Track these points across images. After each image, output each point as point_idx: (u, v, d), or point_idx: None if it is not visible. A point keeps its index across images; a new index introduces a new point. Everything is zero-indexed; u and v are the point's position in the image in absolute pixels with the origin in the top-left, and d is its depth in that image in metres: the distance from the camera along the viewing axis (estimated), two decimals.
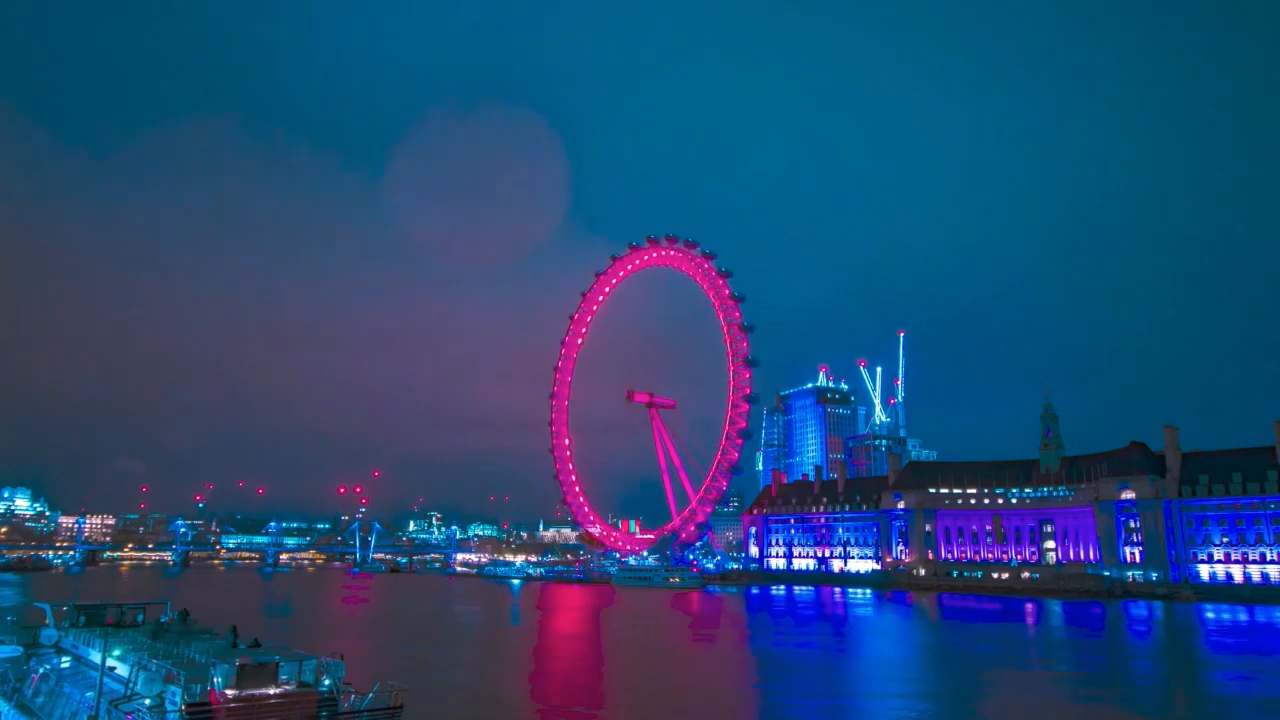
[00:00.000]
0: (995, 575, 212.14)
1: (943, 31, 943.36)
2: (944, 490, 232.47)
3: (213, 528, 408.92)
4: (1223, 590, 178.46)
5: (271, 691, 29.40)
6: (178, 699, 27.83)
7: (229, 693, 28.55)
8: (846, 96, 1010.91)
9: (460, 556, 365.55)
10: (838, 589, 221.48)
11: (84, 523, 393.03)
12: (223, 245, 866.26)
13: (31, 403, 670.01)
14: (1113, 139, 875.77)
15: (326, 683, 31.19)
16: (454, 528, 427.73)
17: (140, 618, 44.85)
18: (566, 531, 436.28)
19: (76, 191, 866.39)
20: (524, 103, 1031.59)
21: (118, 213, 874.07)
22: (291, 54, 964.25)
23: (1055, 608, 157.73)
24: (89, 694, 33.02)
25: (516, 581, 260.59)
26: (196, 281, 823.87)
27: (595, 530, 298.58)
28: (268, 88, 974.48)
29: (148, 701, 29.04)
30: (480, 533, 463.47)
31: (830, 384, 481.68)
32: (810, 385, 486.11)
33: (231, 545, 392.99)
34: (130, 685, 31.30)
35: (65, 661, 40.77)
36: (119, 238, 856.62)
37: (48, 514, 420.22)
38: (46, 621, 45.10)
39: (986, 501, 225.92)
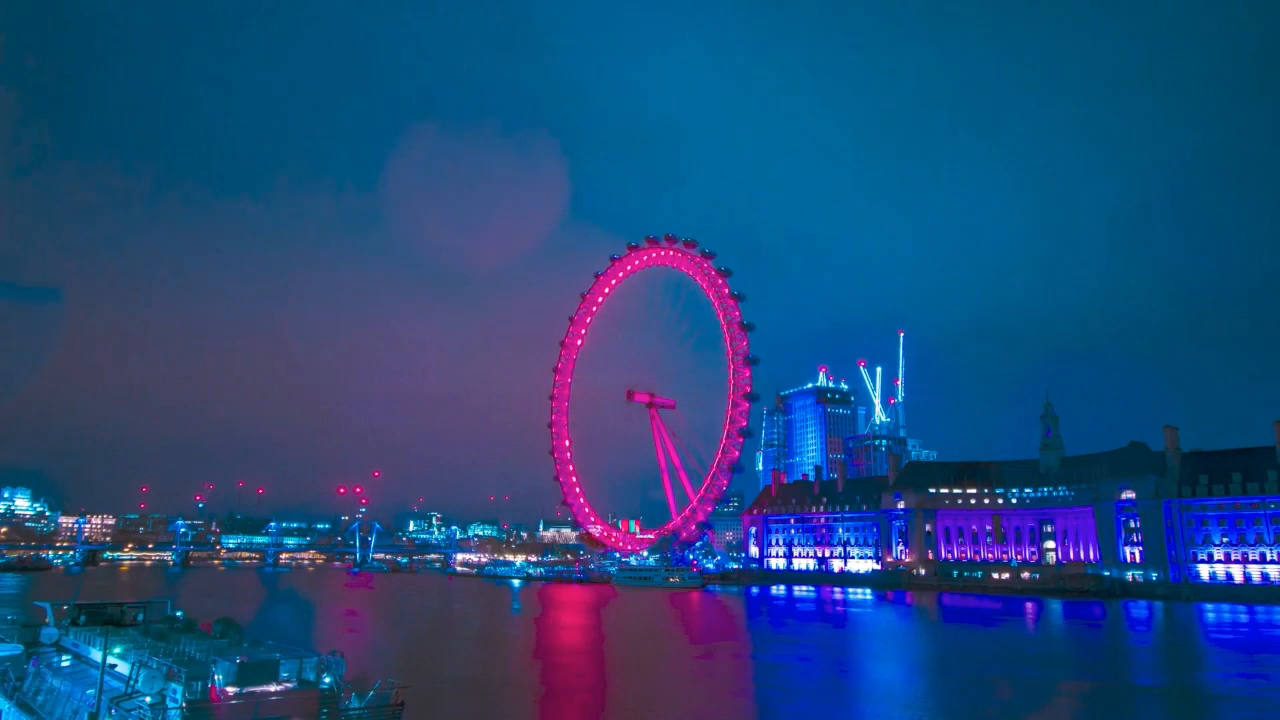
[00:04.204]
0: (995, 575, 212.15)
1: (945, 35, 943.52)
2: (944, 490, 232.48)
3: (213, 528, 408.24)
4: (1223, 590, 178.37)
5: (272, 689, 29.44)
6: (179, 696, 27.88)
7: (230, 690, 28.60)
8: (848, 96, 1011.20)
9: (460, 556, 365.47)
10: (838, 589, 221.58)
11: (84, 523, 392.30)
12: (224, 255, 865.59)
13: (32, 403, 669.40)
14: (1112, 138, 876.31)
15: (327, 680, 31.27)
16: (454, 528, 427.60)
17: (140, 616, 44.90)
18: (566, 531, 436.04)
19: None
20: (522, 105, 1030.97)
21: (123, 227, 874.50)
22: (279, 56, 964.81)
23: (1055, 607, 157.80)
24: (89, 692, 33.07)
25: (517, 581, 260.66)
26: (199, 290, 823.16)
27: (595, 530, 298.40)
28: (257, 98, 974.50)
29: (149, 699, 29.10)
30: (480, 533, 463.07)
31: (830, 384, 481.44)
32: (810, 385, 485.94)
33: (231, 545, 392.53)
34: (131, 683, 31.36)
35: (66, 660, 40.83)
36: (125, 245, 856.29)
37: (48, 514, 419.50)
38: (47, 620, 45.16)
39: (986, 501, 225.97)
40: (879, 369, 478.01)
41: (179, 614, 45.54)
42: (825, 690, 66.91)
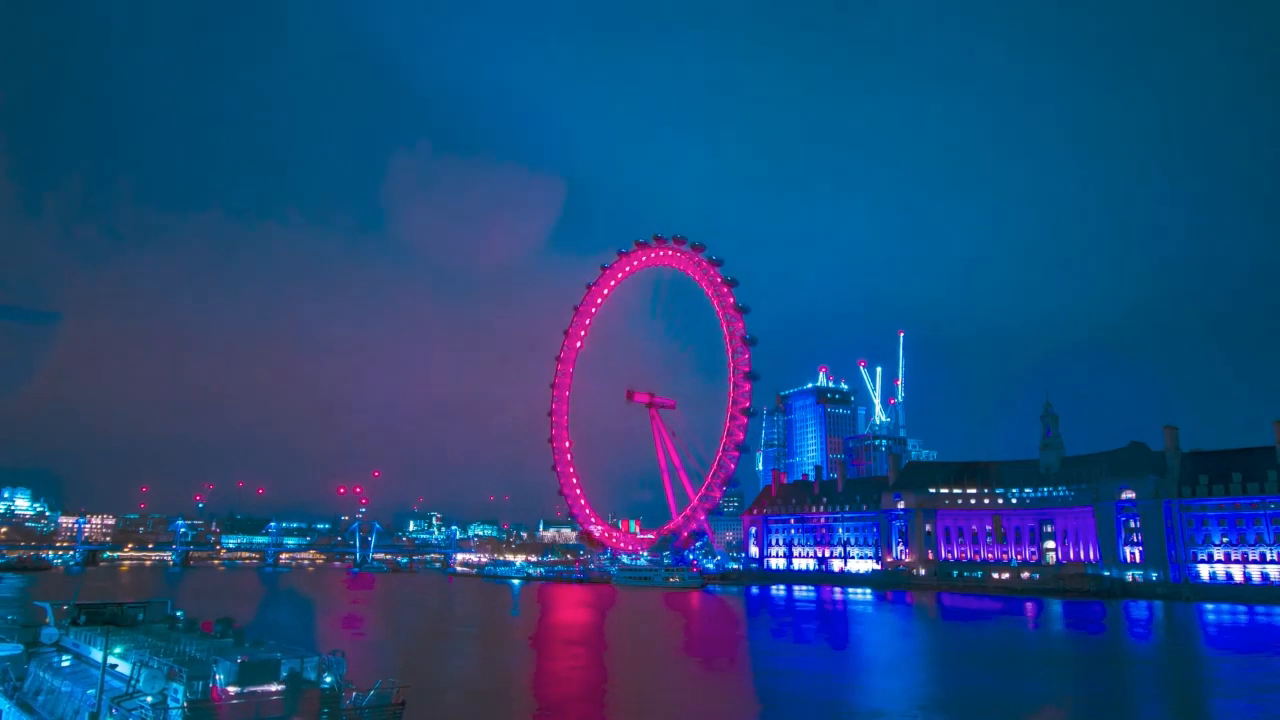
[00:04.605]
0: (995, 575, 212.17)
1: (943, 34, 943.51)
2: (944, 490, 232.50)
3: (213, 528, 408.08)
4: (1223, 590, 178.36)
5: (273, 689, 29.48)
6: (180, 696, 27.90)
7: (231, 690, 28.63)
8: (848, 97, 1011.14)
9: (460, 556, 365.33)
10: (838, 589, 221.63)
11: (84, 523, 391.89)
12: (225, 259, 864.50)
13: (32, 403, 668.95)
14: (1112, 138, 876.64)
15: (328, 680, 31.29)
16: (454, 528, 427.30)
17: (141, 616, 44.93)
18: (566, 531, 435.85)
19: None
20: (519, 105, 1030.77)
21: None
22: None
23: (1055, 608, 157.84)
24: (90, 692, 33.09)
25: (517, 581, 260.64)
26: (200, 292, 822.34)
27: (595, 530, 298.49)
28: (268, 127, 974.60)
29: (150, 699, 29.15)
30: (480, 533, 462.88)
31: (830, 384, 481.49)
32: (810, 385, 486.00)
33: (231, 545, 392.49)
34: (132, 683, 31.39)
35: (66, 660, 40.84)
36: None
37: (48, 514, 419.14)
38: (47, 620, 45.17)
39: (986, 501, 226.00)
40: (879, 369, 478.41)
41: (179, 614, 45.59)
42: (826, 693, 66.89)
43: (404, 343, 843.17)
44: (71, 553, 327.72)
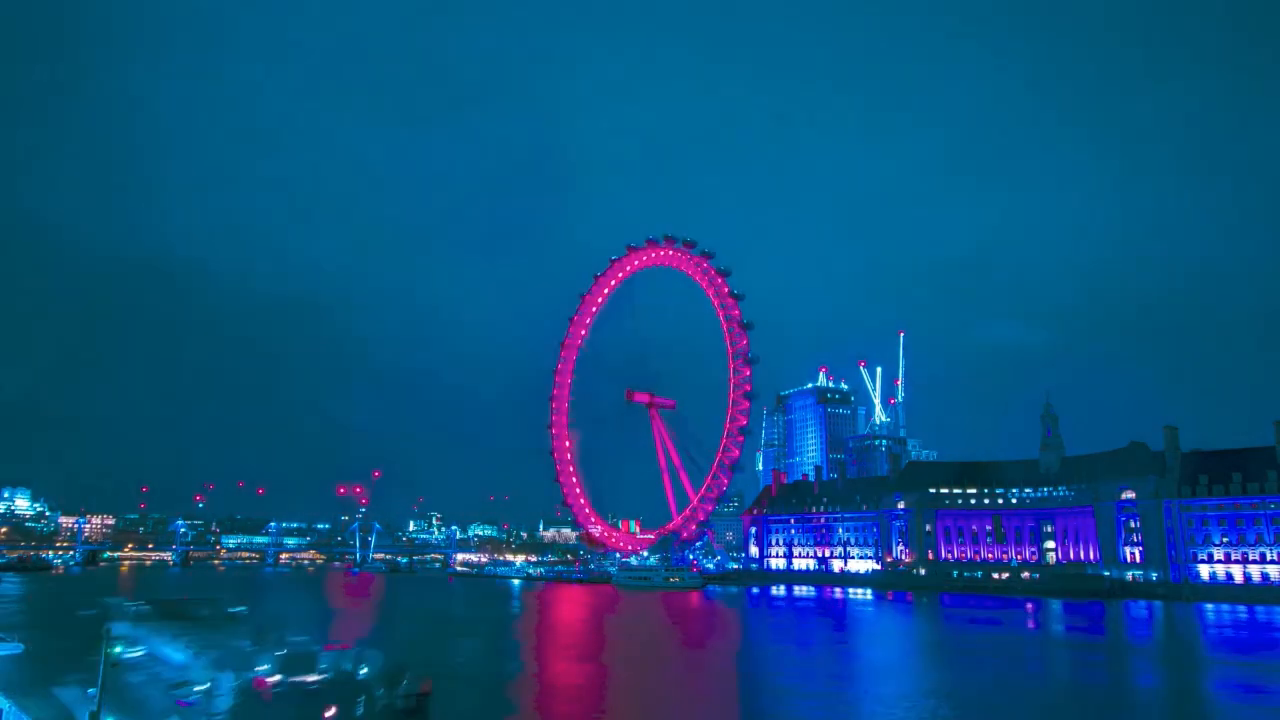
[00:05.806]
0: (995, 575, 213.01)
1: (945, 30, 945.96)
2: (944, 490, 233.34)
3: (213, 528, 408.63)
4: (1223, 590, 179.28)
5: (311, 678, 30.86)
6: (228, 684, 29.37)
7: (273, 679, 30.07)
8: (848, 96, 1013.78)
9: (460, 556, 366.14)
10: (838, 589, 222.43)
11: (84, 523, 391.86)
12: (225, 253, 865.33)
13: (32, 403, 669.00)
14: (1119, 138, 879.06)
15: (363, 671, 32.65)
16: (454, 528, 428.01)
17: (201, 612, 46.77)
18: (566, 531, 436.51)
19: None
20: (519, 104, 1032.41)
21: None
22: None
23: (1055, 608, 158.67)
24: (151, 681, 34.73)
25: (517, 582, 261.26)
26: (198, 285, 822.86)
27: (595, 530, 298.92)
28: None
29: (202, 687, 30.65)
30: (480, 533, 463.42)
31: (830, 384, 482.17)
32: (810, 385, 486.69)
33: (231, 545, 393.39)
34: (187, 672, 32.95)
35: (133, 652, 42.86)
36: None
37: (48, 514, 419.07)
38: (116, 615, 46.96)
39: (986, 501, 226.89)
40: (879, 369, 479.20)
41: (231, 610, 47.42)
42: (826, 694, 67.58)
43: (405, 341, 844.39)
44: (71, 553, 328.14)
